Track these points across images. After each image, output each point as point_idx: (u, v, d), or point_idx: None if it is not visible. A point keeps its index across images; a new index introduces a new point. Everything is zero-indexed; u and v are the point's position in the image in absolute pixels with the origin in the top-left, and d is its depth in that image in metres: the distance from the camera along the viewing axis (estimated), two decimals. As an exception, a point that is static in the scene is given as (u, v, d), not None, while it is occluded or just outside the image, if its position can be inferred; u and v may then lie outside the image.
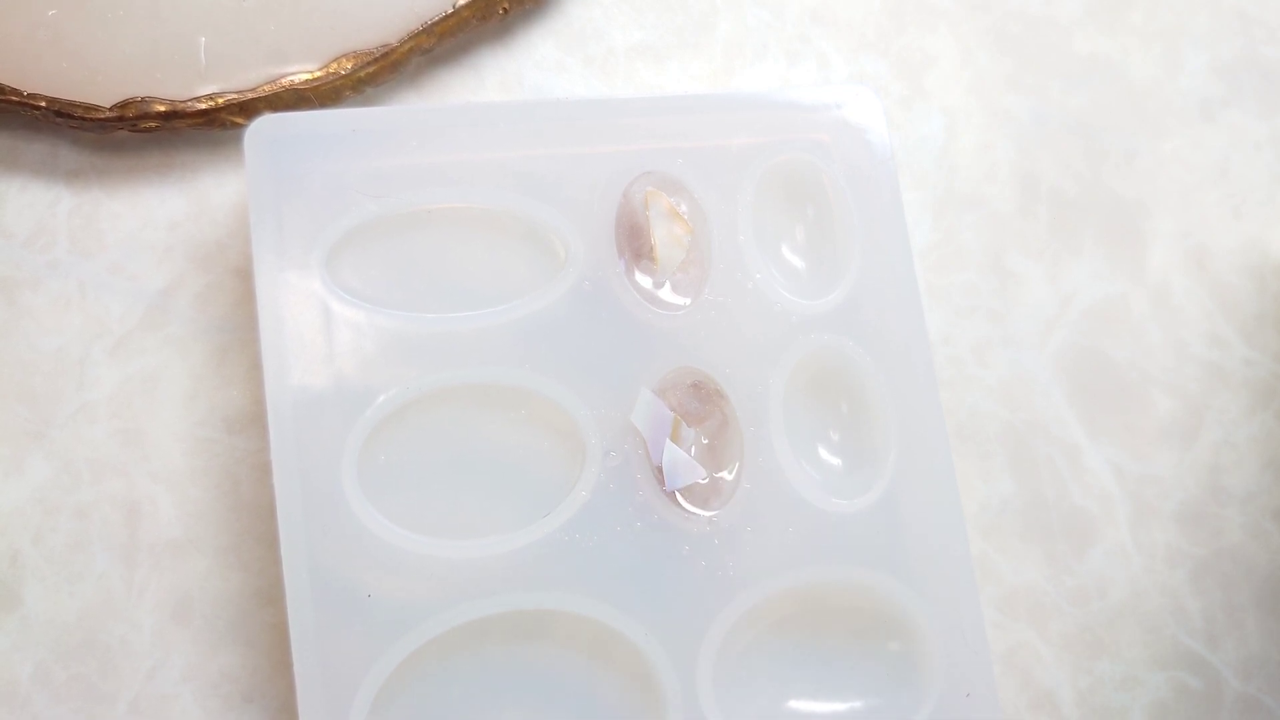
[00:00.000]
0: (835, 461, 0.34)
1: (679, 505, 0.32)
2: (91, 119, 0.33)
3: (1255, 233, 0.40)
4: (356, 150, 0.32)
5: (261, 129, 0.32)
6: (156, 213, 0.35)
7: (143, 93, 0.33)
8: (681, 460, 0.32)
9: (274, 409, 0.30)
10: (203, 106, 0.34)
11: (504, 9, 0.36)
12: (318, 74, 0.34)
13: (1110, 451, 0.37)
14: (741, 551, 0.32)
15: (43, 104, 0.33)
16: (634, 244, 0.33)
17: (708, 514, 0.32)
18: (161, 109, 0.33)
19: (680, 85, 0.38)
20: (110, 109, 0.33)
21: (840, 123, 0.35)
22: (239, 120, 0.34)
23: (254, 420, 0.34)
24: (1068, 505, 0.37)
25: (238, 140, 0.33)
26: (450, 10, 0.35)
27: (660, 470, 0.31)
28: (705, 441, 0.32)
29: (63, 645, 0.32)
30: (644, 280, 0.33)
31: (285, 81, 0.34)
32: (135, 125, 0.34)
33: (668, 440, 0.31)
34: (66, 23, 0.33)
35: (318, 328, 0.31)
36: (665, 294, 0.33)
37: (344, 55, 0.34)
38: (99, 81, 0.33)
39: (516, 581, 0.31)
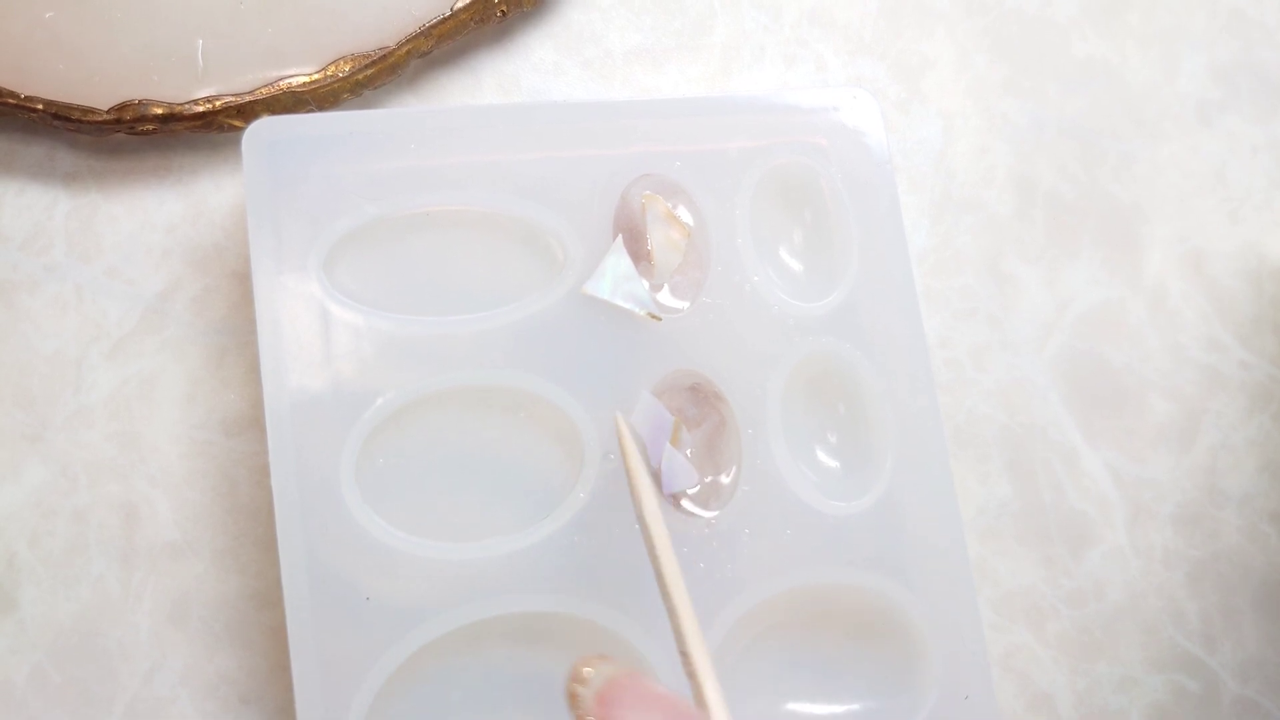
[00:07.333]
0: (833, 464, 0.34)
1: (678, 507, 0.32)
2: (89, 121, 0.33)
3: (1252, 237, 0.40)
4: (354, 153, 0.32)
5: (259, 132, 0.32)
6: (154, 215, 0.35)
7: (140, 95, 0.33)
8: (679, 465, 0.31)
9: (272, 412, 0.30)
10: (200, 109, 0.34)
11: (502, 12, 0.36)
12: (316, 76, 0.34)
13: (1108, 455, 0.37)
14: (740, 553, 0.32)
15: (40, 106, 0.33)
16: (631, 247, 0.33)
17: (707, 515, 0.32)
18: (159, 111, 0.33)
19: (678, 88, 0.38)
20: (108, 111, 0.33)
21: (838, 126, 0.35)
22: (237, 123, 0.34)
23: (252, 423, 0.34)
24: (1065, 508, 0.37)
25: (235, 143, 0.33)
26: (448, 13, 0.35)
27: (659, 473, 0.31)
28: (703, 444, 0.32)
29: (59, 648, 0.32)
30: (642, 283, 0.33)
31: (283, 84, 0.34)
32: (133, 128, 0.33)
33: (666, 444, 0.31)
34: (64, 25, 0.33)
35: (316, 330, 0.31)
36: (663, 297, 0.33)
37: (342, 58, 0.34)
38: (96, 84, 0.33)
39: (515, 584, 0.31)
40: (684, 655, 0.25)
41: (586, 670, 0.23)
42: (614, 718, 0.22)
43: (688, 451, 0.32)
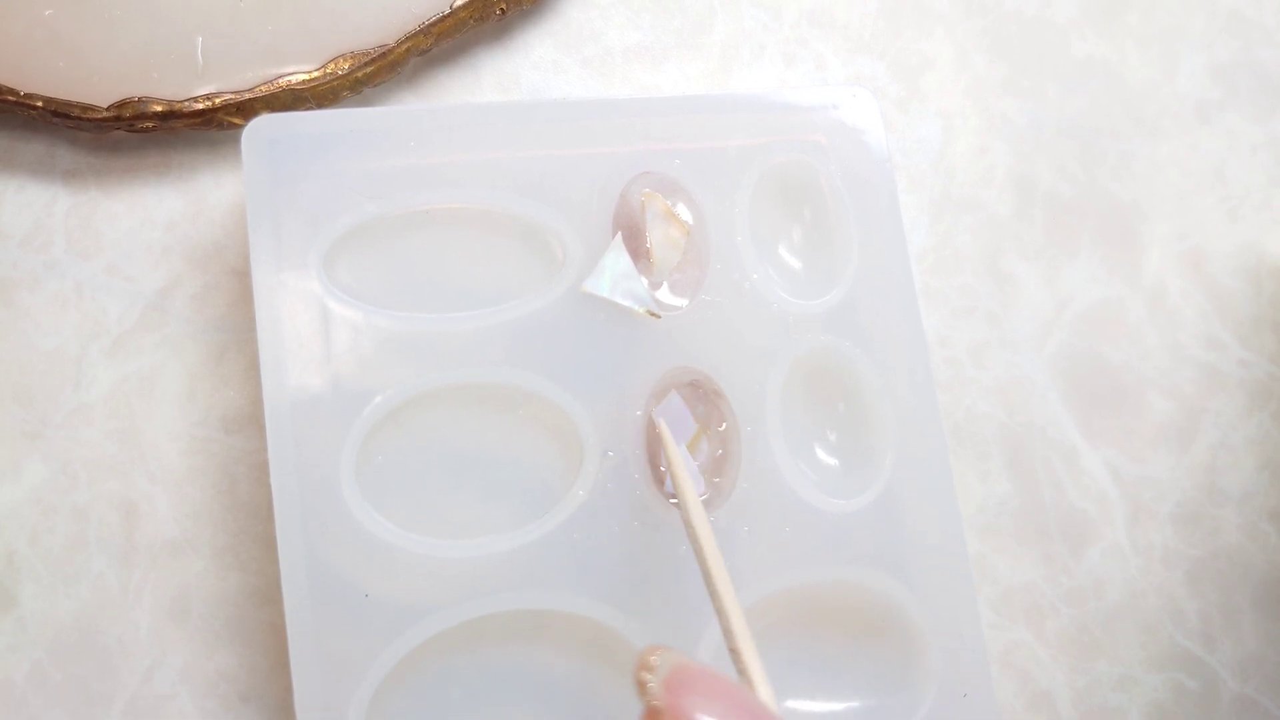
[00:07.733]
0: (832, 461, 0.34)
1: (676, 506, 0.32)
2: (89, 119, 0.33)
3: (1251, 236, 0.40)
4: (354, 151, 0.32)
5: (259, 129, 0.32)
6: (154, 213, 0.35)
7: (140, 93, 0.33)
8: (689, 470, 0.31)
9: (271, 409, 0.30)
10: (200, 107, 0.34)
11: (501, 10, 0.36)
12: (315, 74, 0.34)
13: (1107, 453, 0.37)
14: (738, 551, 0.32)
15: (40, 104, 0.33)
16: (631, 245, 0.33)
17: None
18: (159, 109, 0.33)
19: (677, 86, 0.38)
20: (107, 109, 0.33)
21: (837, 124, 0.35)
22: (236, 120, 0.34)
23: (251, 420, 0.34)
24: (1065, 506, 0.37)
25: (235, 140, 0.33)
26: (447, 11, 0.35)
27: (661, 470, 0.31)
28: (713, 459, 0.32)
29: (59, 646, 0.32)
30: (641, 281, 0.33)
31: (283, 82, 0.34)
32: (132, 125, 0.34)
33: (681, 447, 0.31)
34: (64, 22, 0.33)
35: (315, 328, 0.31)
36: (663, 294, 0.33)
37: (341, 55, 0.34)
38: (96, 81, 0.33)
39: (514, 581, 0.31)
40: (734, 652, 0.26)
41: (653, 658, 0.24)
42: (682, 704, 0.23)
43: (699, 459, 0.32)
